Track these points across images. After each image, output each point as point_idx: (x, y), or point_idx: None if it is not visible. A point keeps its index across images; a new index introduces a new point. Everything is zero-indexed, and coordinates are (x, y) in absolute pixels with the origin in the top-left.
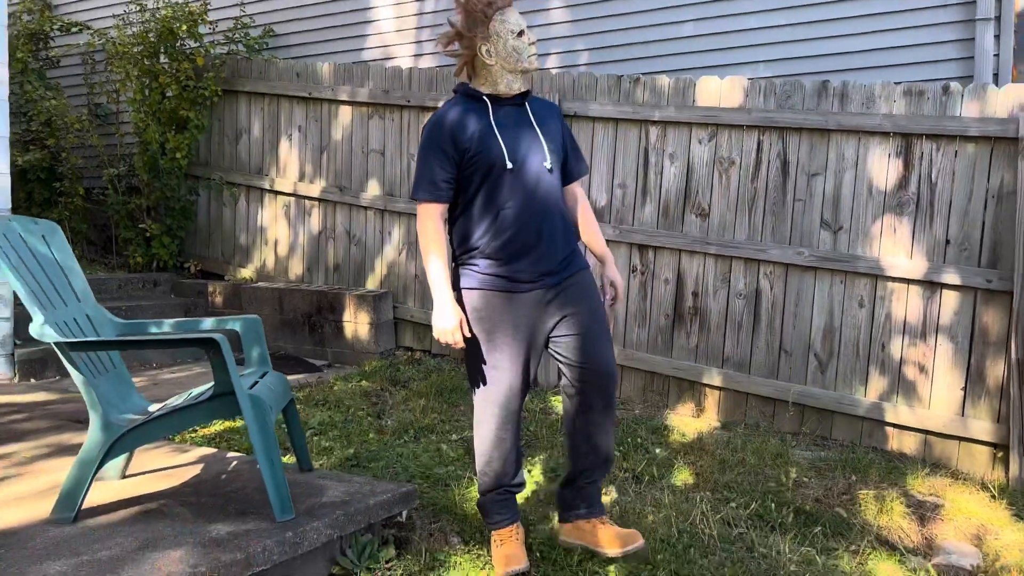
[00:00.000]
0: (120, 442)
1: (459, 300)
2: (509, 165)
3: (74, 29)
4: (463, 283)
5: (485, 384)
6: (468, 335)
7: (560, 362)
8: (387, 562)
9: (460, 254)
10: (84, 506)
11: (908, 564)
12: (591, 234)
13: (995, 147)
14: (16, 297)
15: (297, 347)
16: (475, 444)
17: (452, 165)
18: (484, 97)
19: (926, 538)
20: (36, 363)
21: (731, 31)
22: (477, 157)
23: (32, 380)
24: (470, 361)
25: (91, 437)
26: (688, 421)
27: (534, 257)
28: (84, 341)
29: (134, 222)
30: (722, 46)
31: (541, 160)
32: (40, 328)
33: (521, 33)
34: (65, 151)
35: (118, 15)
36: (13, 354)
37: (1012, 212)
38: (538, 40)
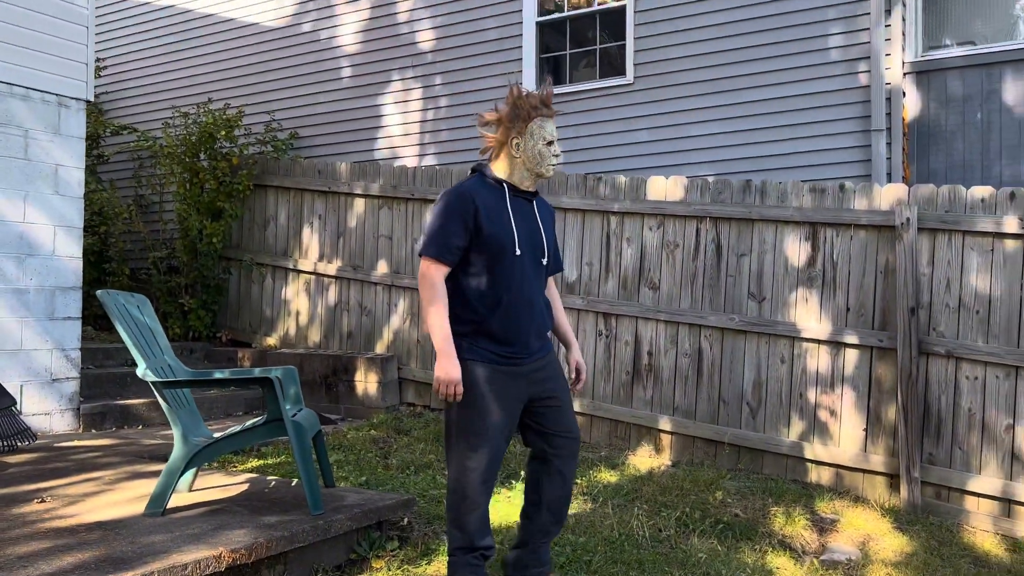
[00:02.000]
0: (198, 455)
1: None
2: (518, 252)
3: (123, 131)
4: (465, 354)
5: (472, 451)
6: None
7: (537, 430)
8: (391, 551)
9: (459, 324)
10: (168, 506)
11: (799, 560)
12: (561, 322)
13: (880, 234)
14: (81, 360)
15: (315, 404)
16: (450, 503)
17: (467, 235)
18: (503, 184)
19: (821, 543)
20: (97, 416)
21: (677, 137)
22: (491, 237)
23: (94, 430)
24: (459, 426)
25: (176, 452)
26: (645, 460)
27: (527, 337)
28: (174, 380)
29: (173, 297)
30: (670, 150)
31: (540, 254)
32: (144, 371)
33: (551, 143)
34: (113, 236)
35: (162, 119)
36: (79, 408)
37: (895, 285)
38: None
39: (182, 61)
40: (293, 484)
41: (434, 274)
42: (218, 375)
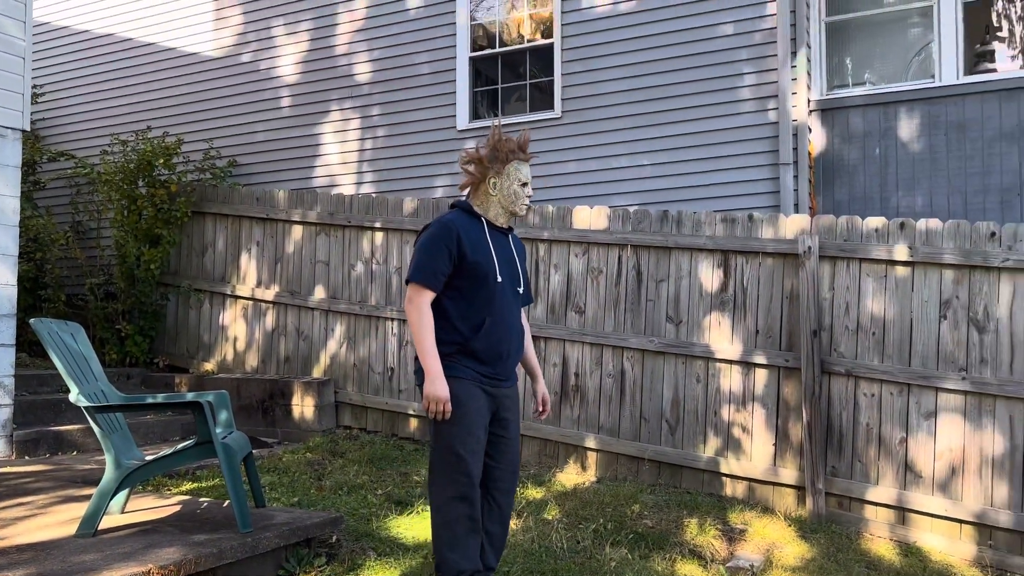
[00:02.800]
0: (129, 477)
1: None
2: (499, 279)
3: (60, 158)
4: (451, 372)
5: (455, 462)
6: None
7: (484, 460)
8: (319, 566)
9: (444, 345)
10: (100, 527)
11: (706, 567)
12: (529, 353)
13: (786, 261)
14: (15, 387)
15: (252, 428)
16: (438, 530)
17: (451, 263)
18: (482, 218)
19: (729, 552)
20: (31, 442)
21: (602, 169)
22: (475, 266)
23: (27, 456)
24: (440, 440)
25: (107, 475)
26: (572, 477)
27: (506, 359)
28: (105, 405)
29: (111, 324)
30: (595, 180)
31: (517, 284)
32: (76, 396)
33: (525, 184)
34: (50, 263)
35: (101, 147)
36: (12, 435)
37: (799, 309)
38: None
39: (121, 89)
40: (224, 505)
41: (421, 299)
42: (150, 400)
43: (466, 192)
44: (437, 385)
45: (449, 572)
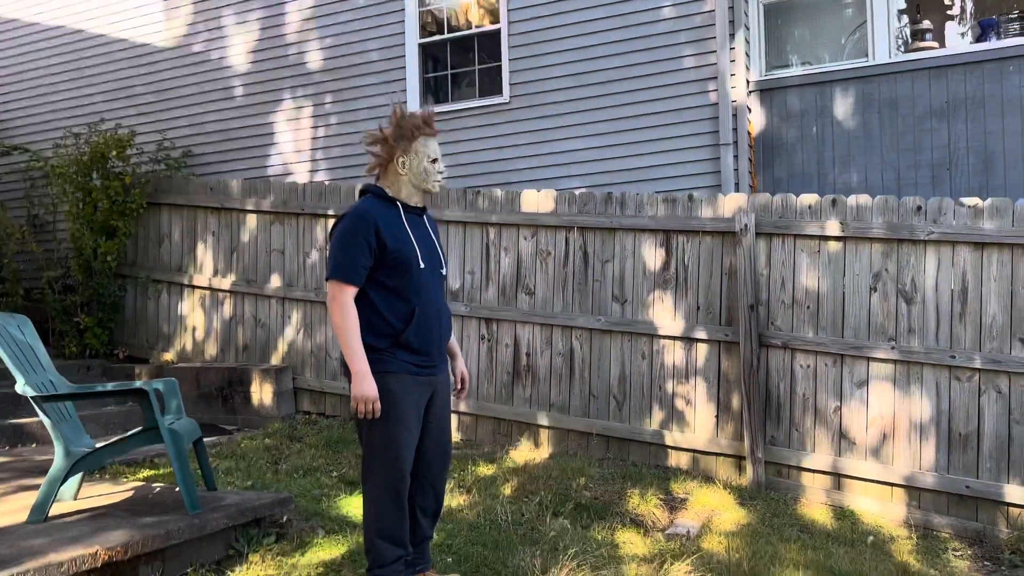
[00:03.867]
0: (79, 464)
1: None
2: (422, 265)
3: (14, 152)
4: (379, 367)
5: (390, 459)
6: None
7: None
8: (268, 545)
9: (377, 339)
10: (50, 514)
11: (647, 534)
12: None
13: (724, 239)
14: None
15: (213, 416)
16: (369, 520)
17: (371, 255)
18: (397, 202)
19: (670, 519)
20: None
21: (549, 153)
22: (396, 254)
23: None
24: (374, 437)
25: (56, 463)
26: (525, 454)
27: (436, 347)
28: (51, 395)
29: (69, 316)
30: (543, 164)
31: (439, 266)
32: (23, 387)
33: (435, 160)
34: (6, 257)
35: (54, 140)
36: None
37: (737, 285)
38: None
39: (74, 81)
40: (176, 490)
41: (344, 296)
42: (98, 388)
43: (375, 175)
44: (365, 385)
45: (379, 559)
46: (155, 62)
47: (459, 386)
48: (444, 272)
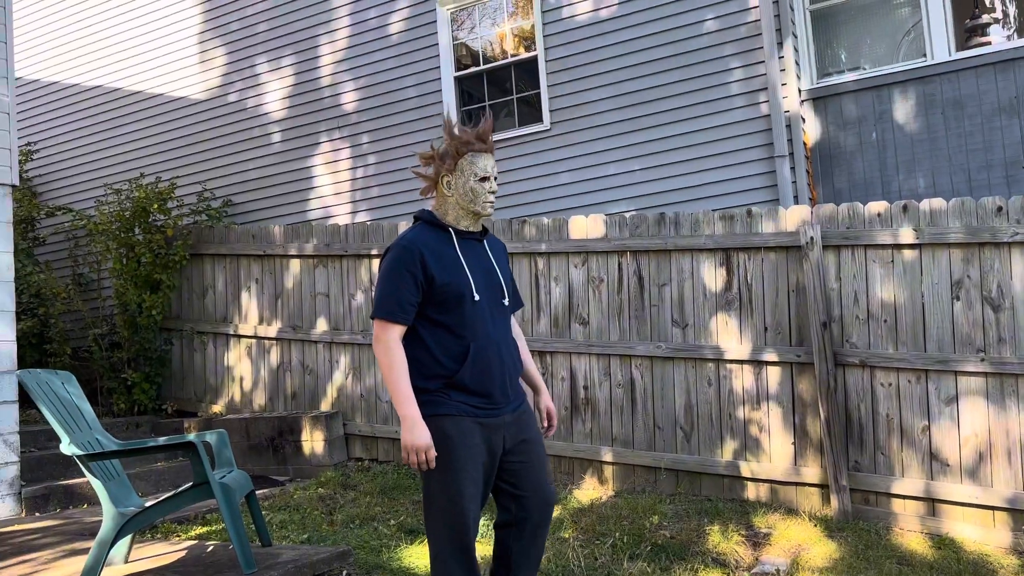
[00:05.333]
0: (128, 525)
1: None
2: (476, 298)
3: (58, 213)
4: (433, 410)
5: (452, 513)
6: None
7: (510, 492)
8: None
9: (429, 381)
10: None
11: (731, 574)
12: (527, 363)
13: (788, 254)
14: (21, 443)
15: (264, 467)
16: (437, 574)
17: (419, 290)
18: (449, 228)
19: (754, 557)
20: (40, 498)
21: (595, 177)
22: (446, 287)
23: (37, 513)
24: (433, 488)
25: (105, 525)
26: (590, 493)
27: (502, 384)
28: (97, 453)
29: (116, 373)
30: (589, 189)
31: (500, 296)
32: (68, 447)
33: (485, 179)
34: (53, 317)
35: (96, 197)
36: (20, 492)
37: (806, 302)
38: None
39: (113, 139)
40: (230, 548)
41: (389, 336)
42: (149, 443)
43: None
44: (416, 432)
45: None
46: (192, 114)
47: (545, 423)
48: (506, 303)
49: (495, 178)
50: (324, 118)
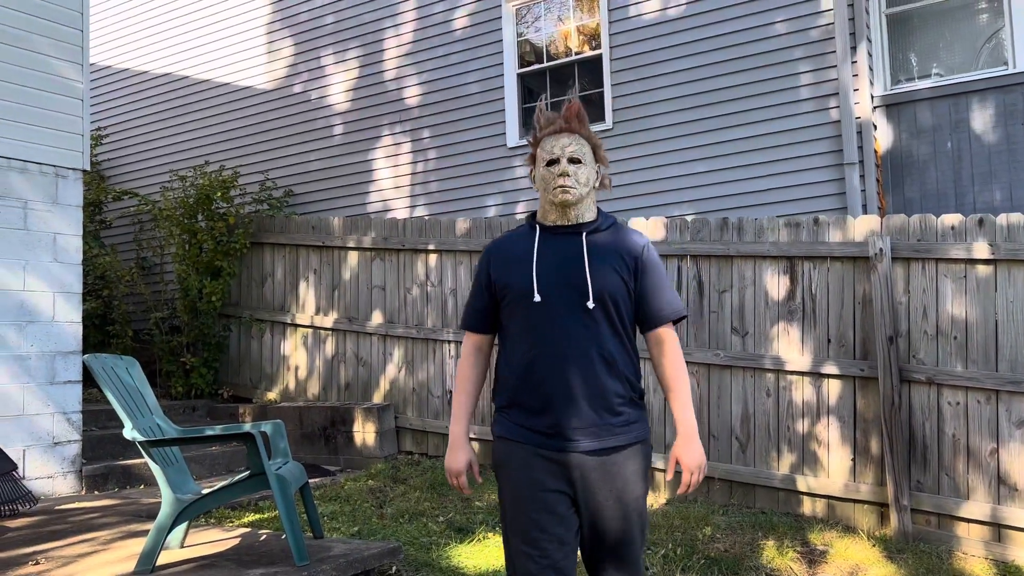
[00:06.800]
0: (185, 511)
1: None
2: (537, 298)
3: (124, 197)
4: (494, 428)
5: (513, 554)
6: (479, 480)
7: (587, 551)
8: None
9: (498, 396)
10: (157, 563)
11: None
12: (669, 394)
13: (856, 264)
14: (83, 422)
15: (315, 456)
16: None
17: (488, 294)
18: (537, 225)
19: (809, 575)
20: (99, 477)
21: (657, 179)
22: (505, 287)
23: (96, 491)
24: (502, 513)
25: (163, 510)
26: None
27: (567, 406)
28: (158, 440)
29: (175, 356)
30: (650, 191)
31: (580, 297)
32: (131, 432)
33: (553, 163)
34: (116, 299)
35: (161, 183)
36: (81, 470)
37: (872, 315)
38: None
39: (179, 126)
40: (283, 537)
41: (464, 346)
42: (207, 432)
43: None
44: (450, 455)
45: None
46: (257, 104)
47: (670, 475)
48: (591, 305)
49: (571, 159)
50: (386, 112)
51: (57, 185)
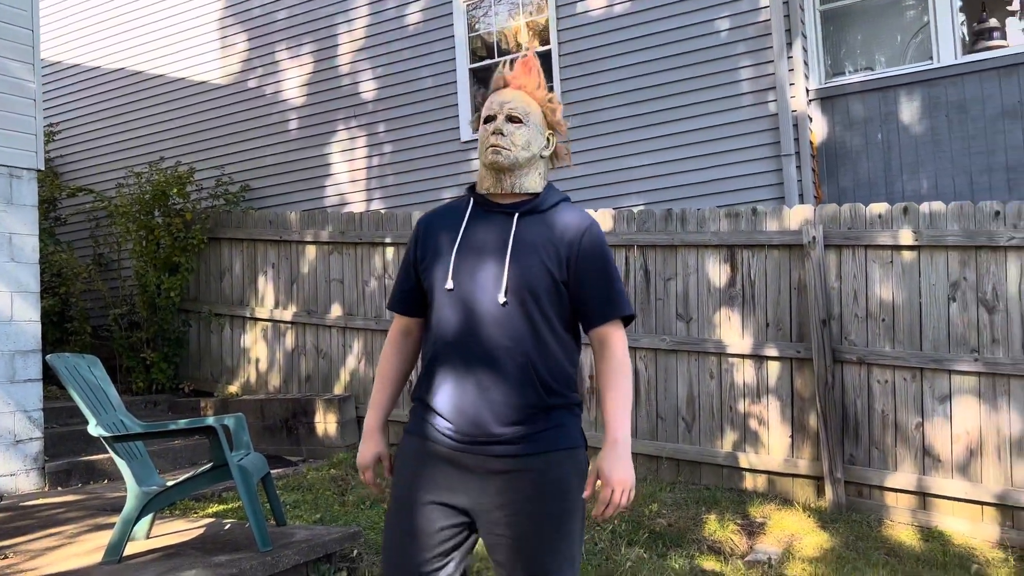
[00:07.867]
0: (151, 503)
1: None
2: (449, 285)
3: (79, 193)
4: (407, 424)
5: (384, 558)
6: (388, 475)
7: (496, 561)
8: None
9: (417, 388)
10: (124, 554)
11: (725, 562)
12: (602, 398)
13: (792, 252)
14: (44, 419)
15: (277, 448)
16: None
17: (415, 272)
18: (472, 197)
19: (748, 545)
20: (63, 473)
21: (605, 171)
22: (425, 270)
23: (60, 487)
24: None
25: (129, 502)
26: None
27: (471, 408)
28: (123, 435)
29: (135, 352)
30: (599, 183)
31: (494, 290)
32: (95, 428)
33: (489, 119)
34: (74, 296)
35: (117, 179)
36: (44, 467)
37: (807, 299)
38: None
39: (134, 122)
40: (247, 526)
41: (391, 329)
42: (171, 426)
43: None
44: (360, 448)
45: None
46: (212, 99)
47: (588, 490)
48: (502, 299)
49: (510, 117)
50: (341, 106)
51: (11, 185)
